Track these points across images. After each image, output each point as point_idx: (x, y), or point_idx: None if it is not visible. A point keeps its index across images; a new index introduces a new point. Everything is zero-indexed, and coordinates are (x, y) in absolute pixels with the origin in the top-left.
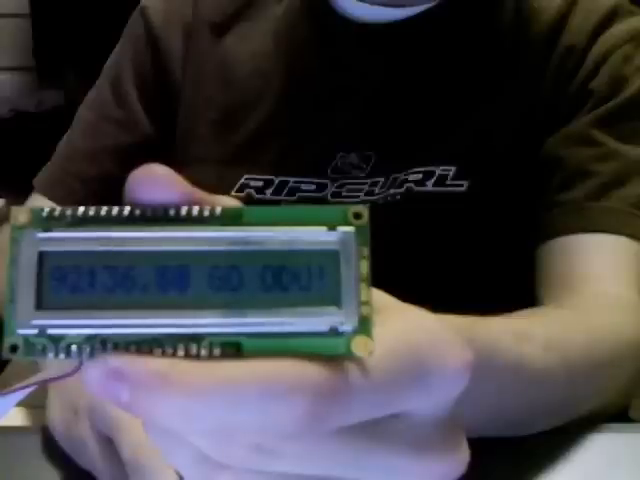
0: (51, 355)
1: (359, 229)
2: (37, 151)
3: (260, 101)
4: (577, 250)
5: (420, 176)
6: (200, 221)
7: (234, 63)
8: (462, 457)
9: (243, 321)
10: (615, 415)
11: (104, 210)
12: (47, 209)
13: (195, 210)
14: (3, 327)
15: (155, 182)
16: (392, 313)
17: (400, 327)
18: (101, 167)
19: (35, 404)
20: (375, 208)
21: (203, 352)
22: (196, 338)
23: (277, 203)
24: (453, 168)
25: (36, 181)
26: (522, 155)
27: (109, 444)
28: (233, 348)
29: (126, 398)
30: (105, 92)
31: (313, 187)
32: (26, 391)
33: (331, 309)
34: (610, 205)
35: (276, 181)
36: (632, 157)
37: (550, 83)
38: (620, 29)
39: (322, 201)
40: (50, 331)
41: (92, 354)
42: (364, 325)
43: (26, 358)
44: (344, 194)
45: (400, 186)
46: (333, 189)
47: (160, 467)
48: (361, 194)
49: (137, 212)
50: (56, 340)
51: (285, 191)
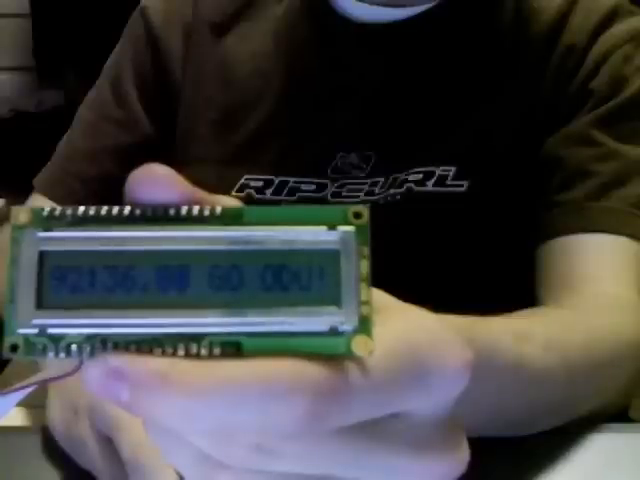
0: (51, 355)
1: (359, 229)
2: (37, 151)
3: (260, 101)
4: (577, 250)
5: (420, 176)
6: (200, 221)
7: (234, 63)
8: (462, 457)
9: (243, 320)
10: (615, 415)
11: (104, 210)
12: (47, 209)
13: (195, 210)
14: (3, 326)
15: (155, 182)
16: (392, 313)
17: (400, 327)
18: (101, 167)
19: (35, 404)
20: (375, 208)
21: (203, 352)
22: (196, 338)
23: (277, 203)
24: (453, 168)
25: (36, 181)
26: (522, 155)
27: (109, 444)
28: (233, 348)
29: (126, 398)
30: (105, 92)
31: (313, 187)
32: (26, 391)
33: (331, 309)
34: (610, 205)
35: (276, 181)
36: (632, 157)
37: (550, 83)
38: (620, 29)
39: (322, 201)
40: (50, 330)
41: (92, 354)
42: (364, 325)
43: (26, 358)
44: (344, 194)
45: (400, 186)
46: (333, 189)
47: (160, 467)
48: (361, 194)
49: (137, 212)
50: (56, 340)
51: (285, 191)
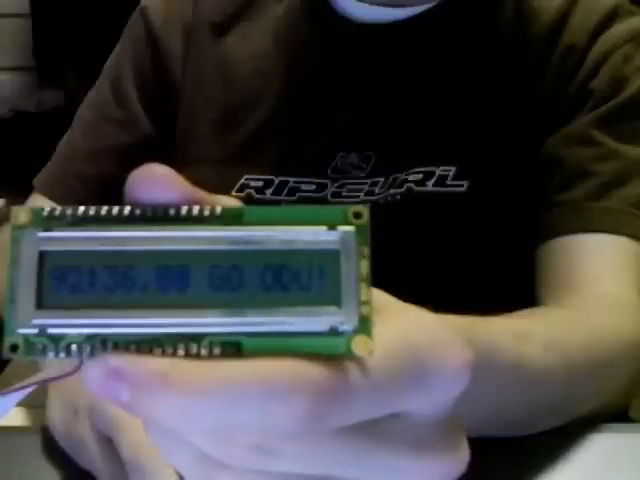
0: (51, 354)
1: (359, 229)
2: (37, 151)
3: (260, 101)
4: (577, 250)
5: (420, 176)
6: (200, 221)
7: (234, 63)
8: (462, 457)
9: (243, 320)
10: (615, 415)
11: (104, 210)
12: (47, 209)
13: (195, 210)
14: (3, 326)
15: (155, 182)
16: (392, 313)
17: (400, 327)
18: (101, 167)
19: (35, 404)
20: (375, 208)
21: (203, 352)
22: (196, 338)
23: (277, 203)
24: (453, 168)
25: (36, 181)
26: (522, 155)
27: (109, 444)
28: (233, 348)
29: (126, 398)
30: (105, 92)
31: (313, 187)
32: (26, 391)
33: (331, 309)
34: (610, 205)
35: (276, 181)
36: (632, 157)
37: (550, 83)
38: (620, 29)
39: (322, 201)
40: (50, 330)
41: (92, 353)
42: (364, 325)
43: (26, 358)
44: (344, 194)
45: (400, 186)
46: (333, 189)
47: (160, 467)
48: (361, 194)
49: (137, 212)
50: (56, 339)
51: (285, 191)
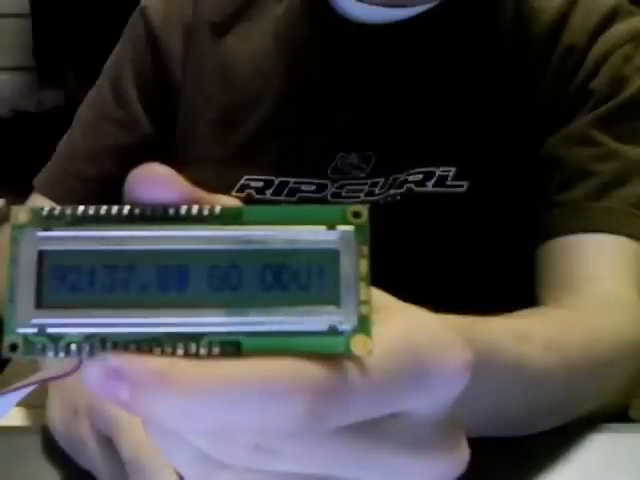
0: (51, 354)
1: (358, 228)
2: (37, 151)
3: (260, 101)
4: (577, 250)
5: (420, 176)
6: (199, 220)
7: (234, 63)
8: (462, 457)
9: (242, 320)
10: (615, 415)
11: (104, 209)
12: (47, 208)
13: (194, 209)
14: (3, 326)
15: (155, 181)
16: (392, 313)
17: (400, 326)
18: (101, 167)
19: (35, 404)
20: (375, 208)
21: (202, 351)
22: (195, 337)
23: (277, 204)
24: (453, 169)
25: (36, 181)
26: (522, 155)
27: (109, 444)
28: (232, 347)
29: (125, 397)
30: (105, 92)
31: (313, 188)
32: (26, 391)
33: (330, 308)
34: (610, 205)
35: (276, 182)
36: (632, 157)
37: (550, 83)
38: (620, 29)
39: (322, 202)
40: (50, 330)
41: (91, 353)
42: (363, 324)
43: (26, 357)
44: (344, 195)
45: (400, 186)
46: (333, 190)
47: (160, 466)
48: (361, 194)
49: (137, 211)
50: (56, 339)
51: (285, 192)
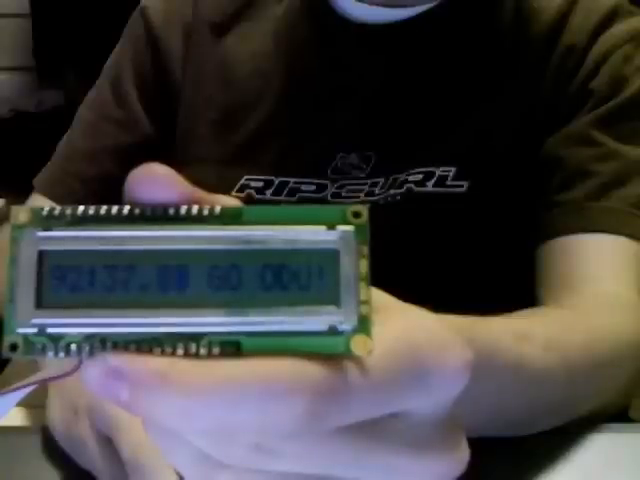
0: (51, 354)
1: (358, 228)
2: (37, 151)
3: (260, 101)
4: (577, 250)
5: (420, 177)
6: (199, 220)
7: (234, 63)
8: (462, 457)
9: (242, 320)
10: (615, 415)
11: (104, 209)
12: (47, 208)
13: (194, 209)
14: (3, 326)
15: (155, 181)
16: (392, 312)
17: (400, 326)
18: (101, 167)
19: (35, 404)
20: (375, 208)
21: (202, 351)
22: (195, 337)
23: (277, 204)
24: (453, 169)
25: (36, 181)
26: (522, 155)
27: (109, 444)
28: (232, 347)
29: (125, 397)
30: (105, 92)
31: (313, 188)
32: (26, 391)
33: (330, 308)
34: (610, 205)
35: (276, 182)
36: (632, 157)
37: (550, 83)
38: (620, 29)
39: (322, 202)
40: (50, 330)
41: (91, 353)
42: (363, 324)
43: (26, 357)
44: (344, 195)
45: (400, 187)
46: (333, 190)
47: (160, 467)
48: (361, 195)
49: (137, 211)
50: (56, 339)
51: (285, 192)
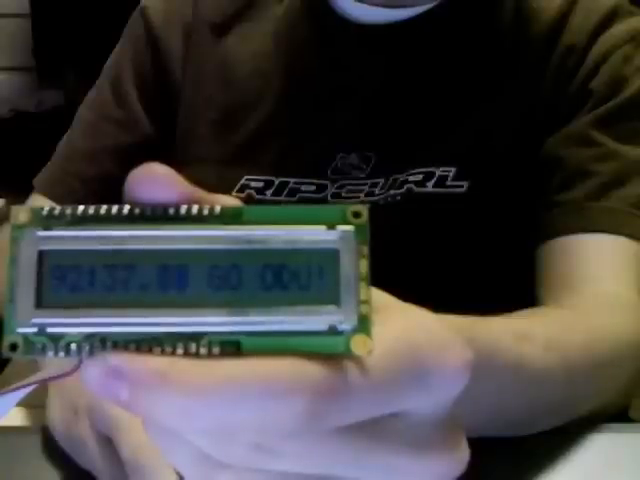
0: (51, 354)
1: (358, 228)
2: (37, 151)
3: (260, 101)
4: (577, 250)
5: (420, 177)
6: (199, 220)
7: (234, 63)
8: (462, 456)
9: (242, 320)
10: (615, 415)
11: (104, 209)
12: (47, 208)
13: (194, 209)
14: (3, 326)
15: (155, 181)
16: (392, 312)
17: (400, 326)
18: (101, 167)
19: (35, 404)
20: (375, 209)
21: (202, 351)
22: (195, 337)
23: (277, 204)
24: (453, 169)
25: (36, 181)
26: (522, 155)
27: (109, 444)
28: (232, 347)
29: (125, 396)
30: (105, 92)
31: (313, 188)
32: (26, 390)
33: (330, 308)
34: (610, 205)
35: (276, 182)
36: (632, 157)
37: (550, 83)
38: (620, 29)
39: (322, 202)
40: (50, 330)
41: (91, 353)
42: (363, 324)
43: (26, 357)
44: (344, 195)
45: (400, 187)
46: (333, 190)
47: (160, 467)
48: (361, 195)
49: (137, 211)
50: (55, 339)
51: (285, 192)
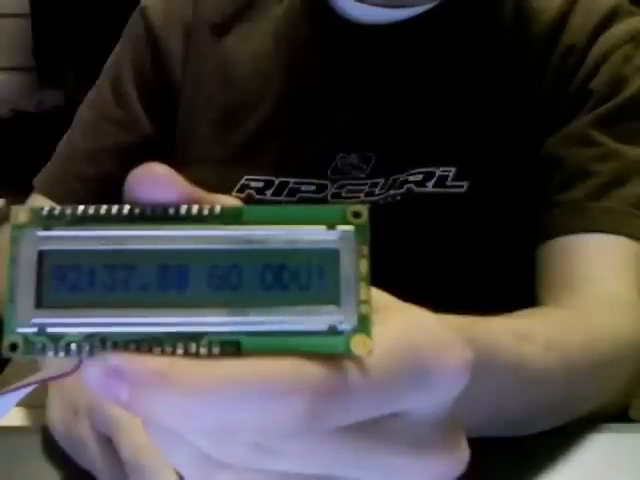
0: (51, 353)
1: (358, 228)
2: (37, 151)
3: (260, 101)
4: (577, 250)
5: (420, 177)
6: (199, 220)
7: (234, 63)
8: (462, 456)
9: (242, 320)
10: (615, 415)
11: (104, 209)
12: (47, 208)
13: (194, 209)
14: (3, 326)
15: (155, 181)
16: (392, 312)
17: (400, 326)
18: (101, 167)
19: (35, 404)
20: (375, 209)
21: (202, 351)
22: (195, 337)
23: (277, 204)
24: (453, 169)
25: (36, 181)
26: (522, 155)
27: (109, 444)
28: (232, 347)
29: (125, 396)
30: (105, 92)
31: (313, 188)
32: (26, 390)
33: (330, 308)
34: (610, 205)
35: (276, 182)
36: (632, 157)
37: (550, 83)
38: (620, 29)
39: (322, 202)
40: (50, 330)
41: (91, 352)
42: (363, 324)
43: (26, 357)
44: (344, 195)
45: (400, 187)
46: (333, 190)
47: (160, 467)
48: (361, 195)
49: (137, 211)
50: (55, 339)
51: (285, 192)
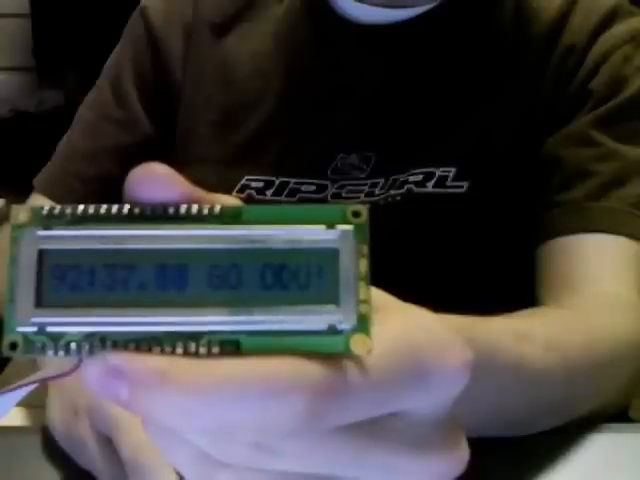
0: (50, 353)
1: (358, 227)
2: (37, 151)
3: (260, 101)
4: (577, 250)
5: (420, 177)
6: (199, 219)
7: (234, 63)
8: (461, 456)
9: (242, 319)
10: (615, 415)
11: (104, 208)
12: (47, 207)
13: (194, 208)
14: (3, 325)
15: (155, 181)
16: (392, 312)
17: (400, 326)
18: (101, 167)
19: (35, 404)
20: (375, 209)
21: (202, 350)
22: (195, 336)
23: (277, 204)
24: (453, 169)
25: (36, 181)
26: (522, 155)
27: (109, 444)
28: (232, 346)
29: (125, 396)
30: (105, 92)
31: (313, 188)
32: (26, 390)
33: (330, 307)
34: (610, 205)
35: (277, 182)
36: (632, 157)
37: (550, 83)
38: (620, 29)
39: (322, 202)
40: (49, 329)
41: (91, 352)
42: (363, 323)
43: (25, 356)
44: (344, 195)
45: (400, 187)
46: (333, 190)
47: (159, 466)
48: (361, 195)
49: (136, 210)
50: (55, 338)
51: (285, 192)
